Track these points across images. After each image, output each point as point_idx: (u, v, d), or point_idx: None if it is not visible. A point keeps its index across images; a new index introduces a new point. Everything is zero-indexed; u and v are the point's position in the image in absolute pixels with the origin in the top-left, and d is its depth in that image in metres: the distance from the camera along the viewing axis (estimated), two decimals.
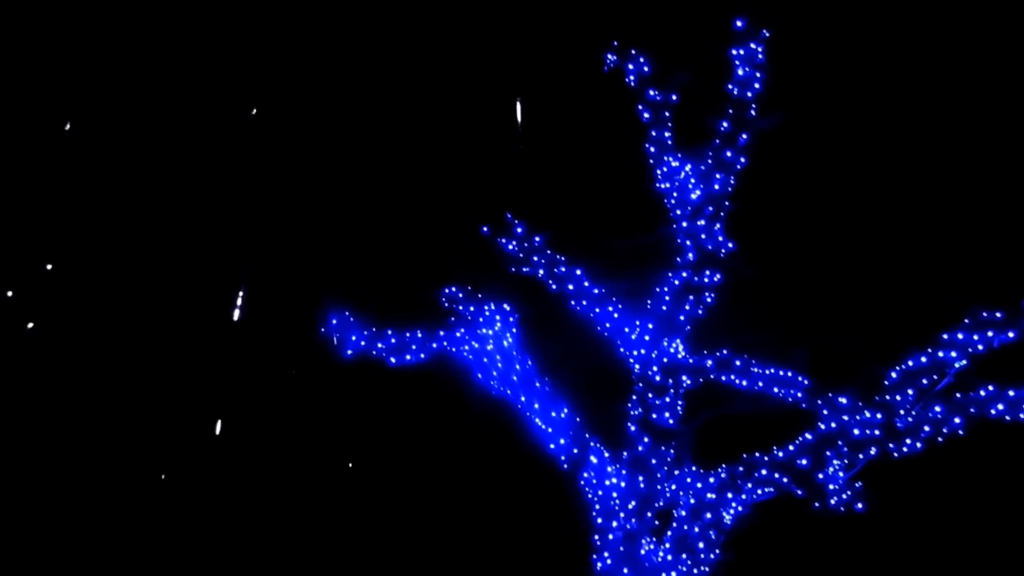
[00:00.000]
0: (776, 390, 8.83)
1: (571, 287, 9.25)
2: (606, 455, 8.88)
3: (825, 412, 8.60)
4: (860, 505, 8.25)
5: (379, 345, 9.58)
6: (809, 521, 8.61)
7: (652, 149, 9.26)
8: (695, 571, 8.39)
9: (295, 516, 11.26)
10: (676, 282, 8.82)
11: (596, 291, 9.22)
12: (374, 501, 11.35)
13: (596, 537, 8.59)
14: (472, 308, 9.60)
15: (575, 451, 8.85)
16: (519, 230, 9.25)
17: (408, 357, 9.58)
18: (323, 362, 9.73)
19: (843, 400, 8.56)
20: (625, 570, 8.28)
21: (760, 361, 8.78)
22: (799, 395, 8.77)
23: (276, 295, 11.58)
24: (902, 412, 8.37)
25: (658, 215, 9.22)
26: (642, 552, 8.37)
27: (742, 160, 8.76)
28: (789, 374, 8.79)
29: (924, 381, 8.38)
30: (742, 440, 8.78)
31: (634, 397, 8.86)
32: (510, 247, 9.32)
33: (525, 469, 9.70)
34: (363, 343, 9.56)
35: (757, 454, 8.60)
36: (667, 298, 8.82)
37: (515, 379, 9.22)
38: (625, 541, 8.39)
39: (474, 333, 9.49)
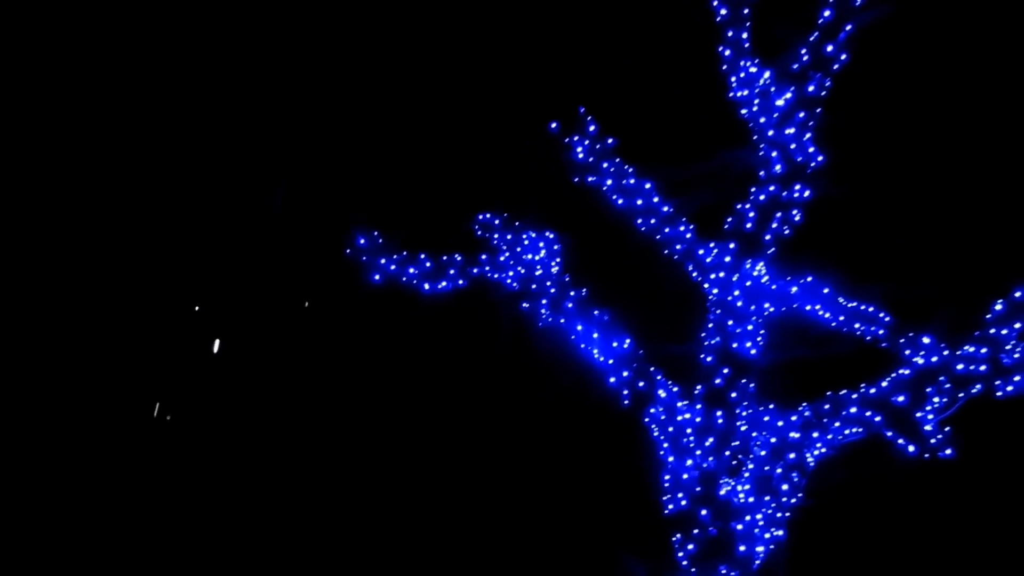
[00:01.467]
0: (857, 326, 8.02)
1: (640, 202, 8.31)
2: (675, 389, 8.00)
3: (907, 352, 7.83)
4: (949, 451, 7.49)
5: (411, 270, 8.65)
6: (896, 466, 7.84)
7: (727, 52, 8.31)
8: (778, 515, 7.54)
9: (331, 449, 10.34)
10: (762, 197, 7.92)
11: (666, 208, 8.29)
12: (419, 443, 10.44)
13: (667, 477, 7.72)
14: (510, 236, 8.70)
15: (640, 385, 7.98)
16: (592, 128, 8.28)
17: (444, 284, 8.67)
18: (350, 287, 8.83)
19: (926, 340, 7.77)
20: (703, 511, 7.42)
21: (844, 292, 7.97)
22: (880, 332, 7.98)
23: (303, 214, 10.63)
24: (1008, 347, 7.58)
25: (734, 127, 8.29)
26: (721, 492, 7.50)
27: (843, 57, 7.80)
28: (871, 309, 7.98)
29: None
30: (829, 375, 7.93)
31: (710, 325, 7.97)
32: (579, 149, 8.36)
33: (580, 406, 8.80)
34: (393, 267, 8.63)
35: (845, 391, 7.77)
36: (752, 215, 7.92)
37: (570, 307, 8.33)
38: (701, 481, 7.53)
39: (520, 258, 8.60)
